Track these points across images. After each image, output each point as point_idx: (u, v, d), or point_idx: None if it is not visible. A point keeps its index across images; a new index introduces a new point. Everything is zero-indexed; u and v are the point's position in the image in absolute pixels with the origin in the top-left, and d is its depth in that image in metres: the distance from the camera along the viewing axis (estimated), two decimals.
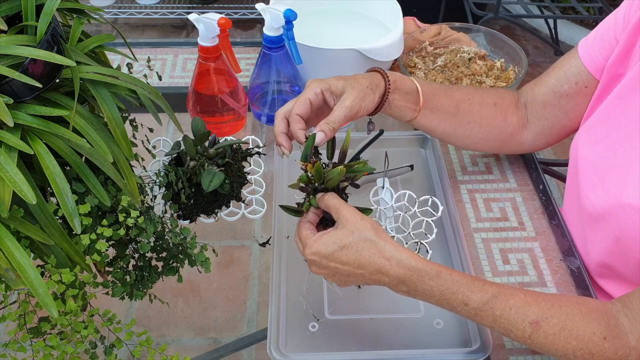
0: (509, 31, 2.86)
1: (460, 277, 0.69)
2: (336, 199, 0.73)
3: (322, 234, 0.71)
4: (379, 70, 0.85)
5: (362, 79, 0.82)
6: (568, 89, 0.89)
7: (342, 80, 0.81)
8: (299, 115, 0.78)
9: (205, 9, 2.68)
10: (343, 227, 0.70)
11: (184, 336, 0.82)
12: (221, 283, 0.88)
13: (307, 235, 0.71)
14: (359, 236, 0.69)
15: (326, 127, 0.77)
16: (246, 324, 0.83)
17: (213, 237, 0.93)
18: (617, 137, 0.81)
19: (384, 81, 0.83)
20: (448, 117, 0.90)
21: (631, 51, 0.81)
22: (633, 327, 0.67)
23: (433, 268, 0.68)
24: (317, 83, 0.81)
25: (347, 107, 0.79)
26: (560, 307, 0.68)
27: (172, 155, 0.83)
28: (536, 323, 0.67)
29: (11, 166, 0.54)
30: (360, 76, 0.83)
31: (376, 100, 0.83)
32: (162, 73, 1.22)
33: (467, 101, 0.91)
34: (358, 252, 0.69)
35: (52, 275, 0.61)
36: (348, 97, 0.79)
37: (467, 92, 0.92)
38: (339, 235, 0.69)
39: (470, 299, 0.68)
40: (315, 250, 0.70)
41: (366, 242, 0.69)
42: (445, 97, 0.89)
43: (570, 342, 0.67)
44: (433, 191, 0.98)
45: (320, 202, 0.74)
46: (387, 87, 0.83)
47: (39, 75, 0.59)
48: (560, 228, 0.92)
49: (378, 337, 0.80)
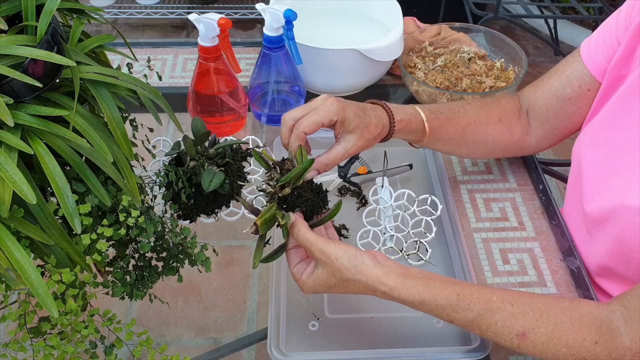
0: (509, 31, 2.86)
1: (445, 301, 0.69)
2: (306, 233, 0.70)
3: (308, 275, 0.72)
4: (388, 112, 0.83)
5: (373, 127, 0.80)
6: (571, 92, 0.89)
7: (357, 121, 0.78)
8: (306, 133, 0.77)
9: (205, 9, 2.68)
10: (322, 267, 0.70)
11: (184, 336, 0.82)
12: (221, 283, 0.88)
13: (295, 273, 0.73)
14: (340, 277, 0.70)
15: (323, 168, 0.79)
16: (246, 324, 0.83)
17: (213, 237, 0.93)
18: (619, 140, 0.81)
19: (389, 129, 0.83)
20: (454, 141, 0.91)
21: (633, 53, 0.81)
22: (628, 327, 0.67)
23: (416, 296, 0.69)
24: (335, 111, 0.77)
25: (350, 154, 0.80)
26: (549, 317, 0.68)
27: (172, 155, 0.83)
28: (523, 335, 0.68)
29: (11, 166, 0.54)
30: (373, 122, 0.80)
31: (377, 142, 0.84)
32: (162, 73, 1.22)
33: (473, 124, 0.90)
34: (346, 288, 0.71)
35: (52, 275, 0.61)
36: (355, 144, 0.79)
37: (473, 115, 0.91)
38: (322, 277, 0.71)
39: (455, 318, 0.69)
40: (309, 291, 0.73)
41: (349, 282, 0.70)
42: (451, 125, 0.89)
43: (560, 350, 0.67)
44: (432, 190, 0.98)
45: (291, 235, 0.72)
46: (391, 133, 0.84)
47: (39, 75, 0.59)
48: (560, 228, 0.92)
49: (378, 335, 0.80)
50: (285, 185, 0.72)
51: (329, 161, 0.79)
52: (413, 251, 0.88)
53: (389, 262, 0.71)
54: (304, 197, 0.73)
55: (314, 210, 0.75)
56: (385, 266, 0.70)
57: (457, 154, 0.98)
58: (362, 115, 0.80)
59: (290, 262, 0.74)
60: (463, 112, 0.90)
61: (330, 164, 0.79)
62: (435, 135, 0.88)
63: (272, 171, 0.75)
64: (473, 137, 0.91)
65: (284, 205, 0.73)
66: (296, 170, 0.72)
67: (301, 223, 0.71)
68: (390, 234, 0.90)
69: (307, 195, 0.73)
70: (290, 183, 0.72)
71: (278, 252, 0.75)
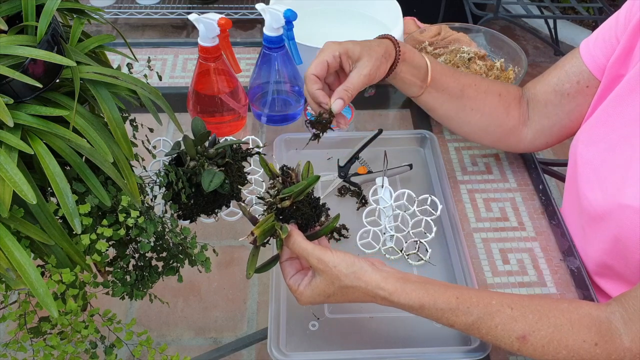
0: (509, 31, 2.86)
1: (445, 304, 0.69)
2: (302, 242, 0.70)
3: (306, 285, 0.71)
4: (390, 37, 0.85)
5: (377, 46, 0.82)
6: (569, 88, 0.89)
7: (359, 46, 0.81)
8: (316, 75, 0.79)
9: (205, 9, 2.68)
10: (320, 276, 0.70)
11: (184, 336, 0.82)
12: (221, 283, 0.88)
13: (291, 285, 0.73)
14: (339, 285, 0.69)
15: (345, 94, 0.79)
16: (246, 324, 0.83)
17: (213, 237, 0.93)
18: (616, 138, 0.81)
19: (394, 50, 0.84)
20: (452, 99, 0.91)
21: (632, 51, 0.81)
22: (628, 328, 0.67)
23: (416, 300, 0.69)
24: (335, 46, 0.81)
25: (366, 75, 0.80)
26: (549, 319, 0.68)
27: (172, 155, 0.84)
28: (523, 337, 0.68)
29: (11, 166, 0.54)
30: (375, 43, 0.83)
31: (387, 69, 0.84)
32: (162, 73, 1.22)
33: (473, 86, 0.91)
34: (345, 296, 0.71)
35: (52, 275, 0.61)
36: (366, 65, 0.80)
37: (474, 79, 0.92)
38: (320, 286, 0.70)
39: (455, 322, 0.69)
40: (307, 302, 0.72)
41: (348, 289, 0.70)
42: (452, 78, 0.90)
43: (560, 352, 0.68)
44: (432, 190, 0.98)
45: (287, 245, 0.72)
46: (397, 56, 0.84)
47: (39, 75, 0.59)
48: (560, 228, 0.92)
49: (378, 335, 0.80)
50: (286, 197, 0.72)
51: (347, 86, 0.79)
52: (413, 251, 0.88)
53: (387, 268, 0.71)
54: (302, 210, 0.73)
55: (308, 224, 0.75)
56: (383, 271, 0.70)
57: (454, 123, 0.95)
58: (361, 42, 0.82)
59: (285, 275, 0.74)
60: (465, 74, 0.93)
61: (350, 89, 0.80)
62: (436, 82, 0.88)
63: (275, 180, 0.75)
64: (471, 102, 0.91)
65: (280, 217, 0.73)
66: (301, 185, 0.72)
67: (297, 233, 0.71)
68: (390, 234, 0.90)
69: (304, 209, 0.74)
70: (292, 197, 0.72)
71: (271, 262, 0.75)
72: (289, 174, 0.75)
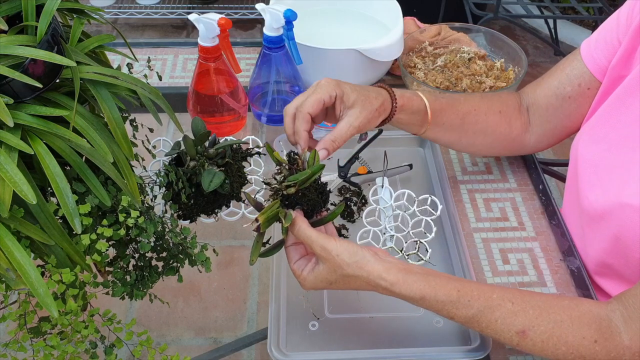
0: (509, 31, 2.86)
1: (445, 297, 0.69)
2: (307, 230, 0.70)
3: (309, 271, 0.72)
4: (388, 90, 0.83)
5: (374, 98, 0.80)
6: (571, 91, 0.89)
7: (355, 94, 0.79)
8: (310, 114, 0.77)
9: (205, 9, 2.68)
10: (323, 263, 0.70)
11: (184, 336, 0.82)
12: (221, 283, 0.88)
13: (295, 270, 0.73)
14: (341, 273, 0.70)
15: (331, 145, 0.77)
16: (246, 324, 0.83)
17: (213, 237, 0.93)
18: (617, 138, 0.81)
19: (391, 105, 0.83)
20: (454, 129, 0.90)
21: (634, 53, 0.81)
22: (628, 326, 0.67)
23: (417, 292, 0.69)
24: (333, 87, 0.79)
25: (355, 127, 0.78)
26: (549, 314, 0.68)
27: (172, 155, 0.83)
28: (523, 332, 0.68)
29: (11, 166, 0.54)
30: (373, 95, 0.81)
31: (379, 123, 0.83)
32: (162, 73, 1.22)
33: (473, 112, 0.90)
34: (347, 284, 0.71)
35: (52, 275, 0.61)
36: (358, 117, 0.78)
37: (474, 104, 0.91)
38: (323, 274, 0.71)
39: (455, 315, 0.69)
40: (310, 287, 0.73)
41: (350, 278, 0.70)
42: (452, 111, 0.89)
43: (559, 348, 0.68)
44: (432, 190, 0.98)
45: (291, 232, 0.72)
46: (393, 111, 0.83)
47: (39, 75, 0.59)
48: (560, 228, 0.92)
49: (378, 335, 0.80)
50: (292, 184, 0.72)
51: (334, 137, 0.78)
52: (413, 251, 0.88)
53: (390, 259, 0.71)
54: (308, 197, 0.73)
55: (314, 210, 0.75)
56: (386, 262, 0.70)
57: (458, 146, 0.96)
58: (359, 89, 0.80)
59: (290, 259, 0.74)
60: (463, 100, 0.91)
61: (337, 140, 0.78)
62: (436, 119, 0.87)
63: (282, 167, 0.74)
64: (473, 127, 0.91)
65: (286, 202, 0.73)
66: (306, 173, 0.72)
67: (302, 220, 0.71)
68: (390, 234, 0.90)
69: (310, 195, 0.73)
70: (297, 184, 0.72)
71: (276, 247, 0.75)
72: (295, 160, 0.75)
